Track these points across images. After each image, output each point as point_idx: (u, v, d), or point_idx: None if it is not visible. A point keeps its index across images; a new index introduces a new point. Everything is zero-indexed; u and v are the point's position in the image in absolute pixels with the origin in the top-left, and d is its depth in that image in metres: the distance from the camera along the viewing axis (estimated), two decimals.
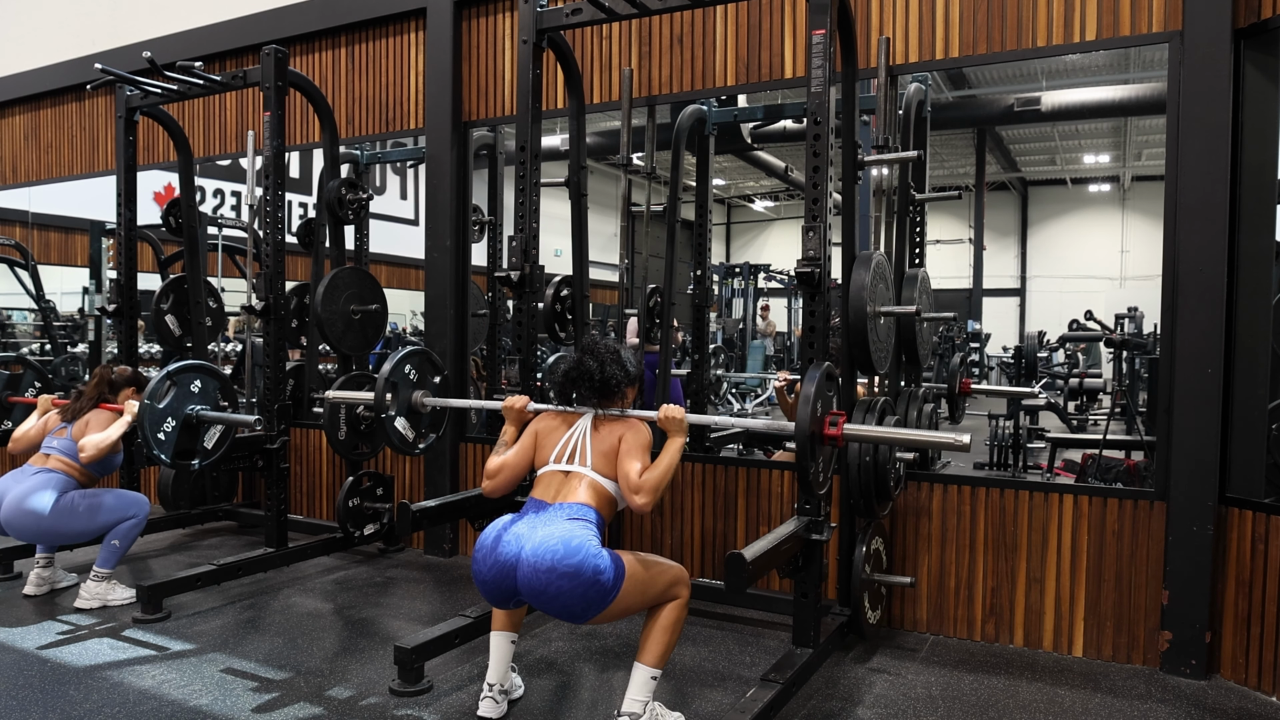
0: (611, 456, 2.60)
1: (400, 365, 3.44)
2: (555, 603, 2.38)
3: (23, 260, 7.15)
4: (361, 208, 4.93)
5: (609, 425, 2.67)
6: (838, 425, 2.73)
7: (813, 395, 2.66)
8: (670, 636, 2.55)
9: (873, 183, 3.96)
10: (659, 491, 2.52)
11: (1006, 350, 12.65)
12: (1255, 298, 3.20)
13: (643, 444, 2.60)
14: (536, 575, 2.35)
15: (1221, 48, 3.13)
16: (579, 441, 2.65)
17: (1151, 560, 3.32)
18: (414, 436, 3.56)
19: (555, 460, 2.65)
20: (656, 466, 2.55)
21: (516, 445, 2.78)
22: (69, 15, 6.67)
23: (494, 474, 2.76)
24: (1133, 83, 8.32)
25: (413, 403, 3.49)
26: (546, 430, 2.75)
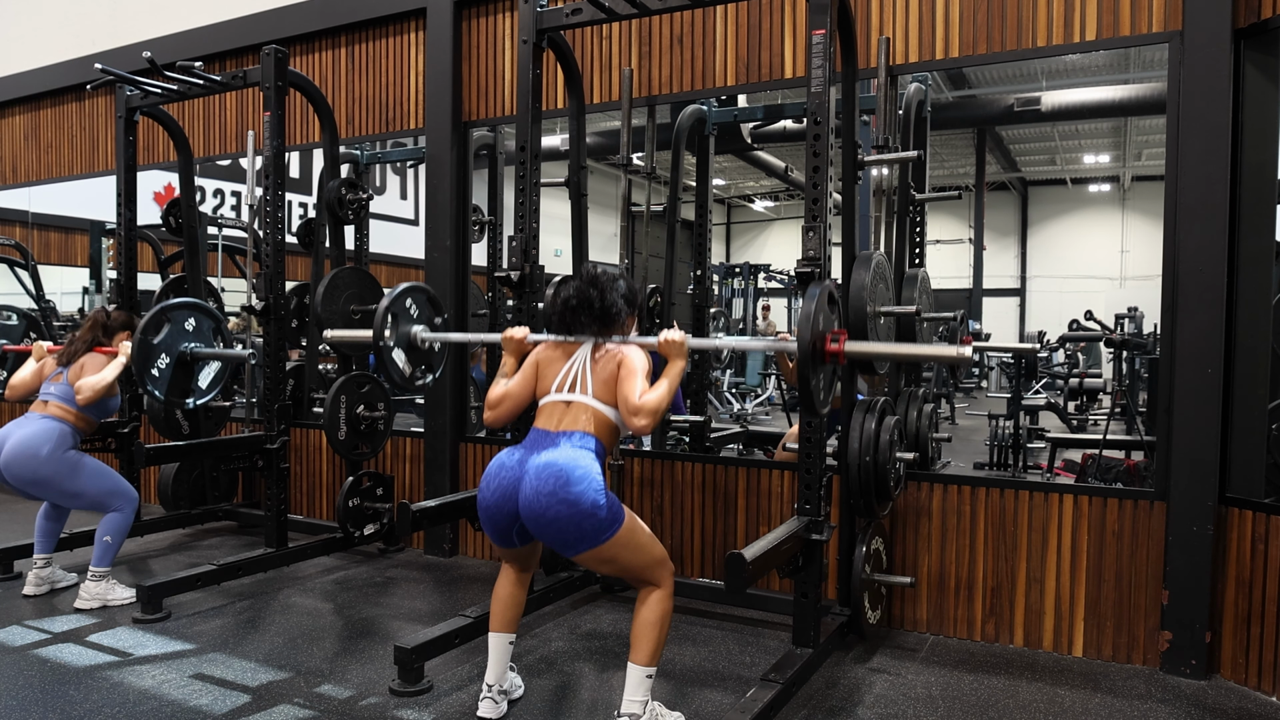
0: (611, 384, 2.60)
1: (401, 298, 3.38)
2: (551, 528, 2.43)
3: (23, 260, 7.14)
4: (361, 208, 4.93)
5: (608, 353, 2.66)
6: (839, 341, 2.70)
7: (814, 311, 2.63)
8: (659, 632, 2.55)
9: (873, 183, 3.96)
10: (658, 414, 2.51)
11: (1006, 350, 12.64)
12: (1255, 298, 3.20)
13: (642, 369, 2.60)
14: (538, 499, 2.42)
15: (1221, 48, 3.13)
16: (579, 370, 2.66)
17: (1151, 560, 3.32)
18: (411, 371, 3.50)
19: (556, 390, 2.66)
20: (656, 389, 2.54)
21: (518, 375, 2.78)
22: (69, 15, 6.67)
23: (496, 404, 2.76)
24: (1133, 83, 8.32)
25: (411, 337, 3.44)
26: (547, 360, 2.74)
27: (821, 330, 2.66)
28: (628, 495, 4.34)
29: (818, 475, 3.04)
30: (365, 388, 4.63)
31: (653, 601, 2.56)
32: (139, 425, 5.00)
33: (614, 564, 2.53)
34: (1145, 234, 15.08)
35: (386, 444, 4.90)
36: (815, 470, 3.04)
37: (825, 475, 3.06)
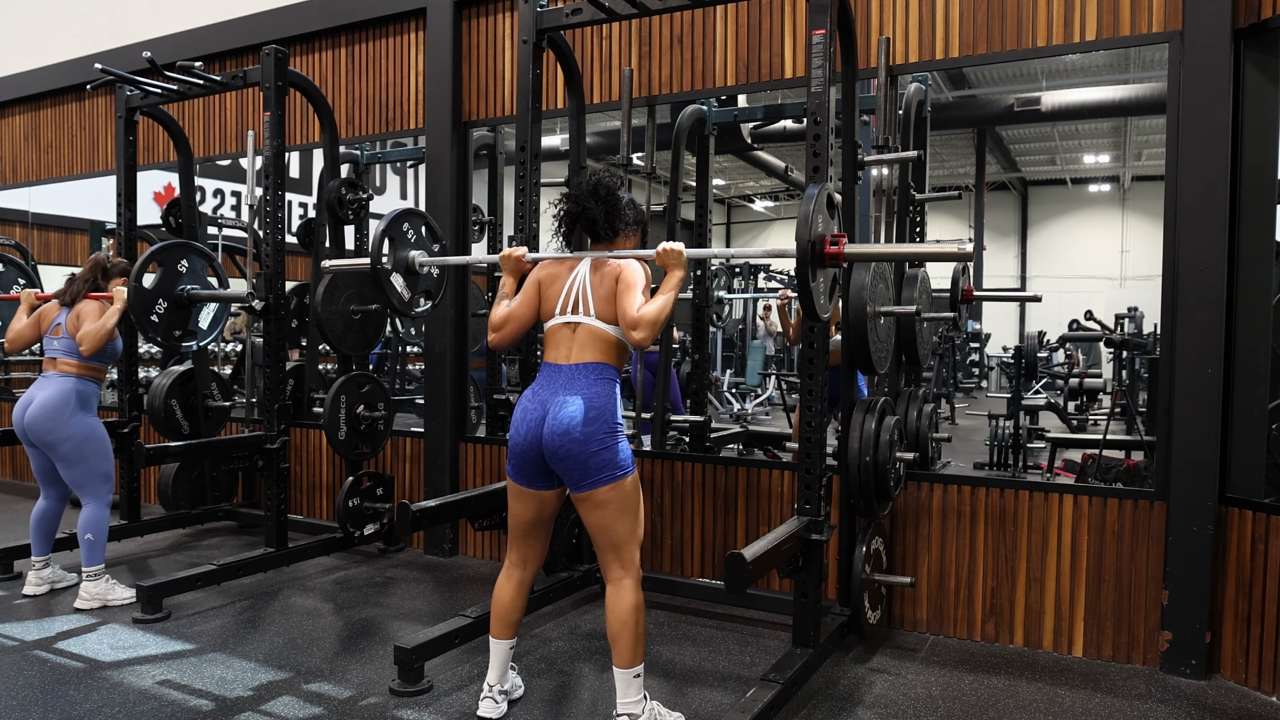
0: (612, 300, 2.59)
1: (398, 221, 3.35)
2: (567, 461, 2.52)
3: (23, 260, 7.14)
4: (361, 208, 4.93)
5: (607, 266, 2.64)
6: (839, 244, 2.62)
7: (812, 211, 2.56)
8: (634, 631, 2.54)
9: (873, 183, 3.96)
10: (658, 326, 2.50)
11: (1006, 350, 12.65)
12: (1255, 298, 3.20)
13: (640, 282, 2.58)
14: (554, 438, 2.52)
15: (1221, 48, 3.13)
16: (579, 288, 2.64)
17: (1151, 560, 3.32)
18: (410, 296, 3.48)
19: (560, 311, 2.66)
20: (654, 300, 2.53)
21: (519, 296, 2.77)
22: (69, 15, 6.67)
23: (499, 326, 2.75)
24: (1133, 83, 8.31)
25: (410, 261, 3.42)
26: (549, 279, 2.73)
27: (820, 232, 2.60)
28: None
29: (818, 475, 3.04)
30: (365, 388, 4.63)
31: (624, 594, 2.56)
32: (139, 425, 5.00)
33: (604, 513, 2.54)
34: (1145, 234, 15.07)
35: (386, 444, 4.90)
36: (815, 470, 3.04)
37: (825, 475, 3.06)
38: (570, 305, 2.65)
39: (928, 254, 2.94)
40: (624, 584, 2.57)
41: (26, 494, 6.33)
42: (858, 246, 2.72)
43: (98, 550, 3.85)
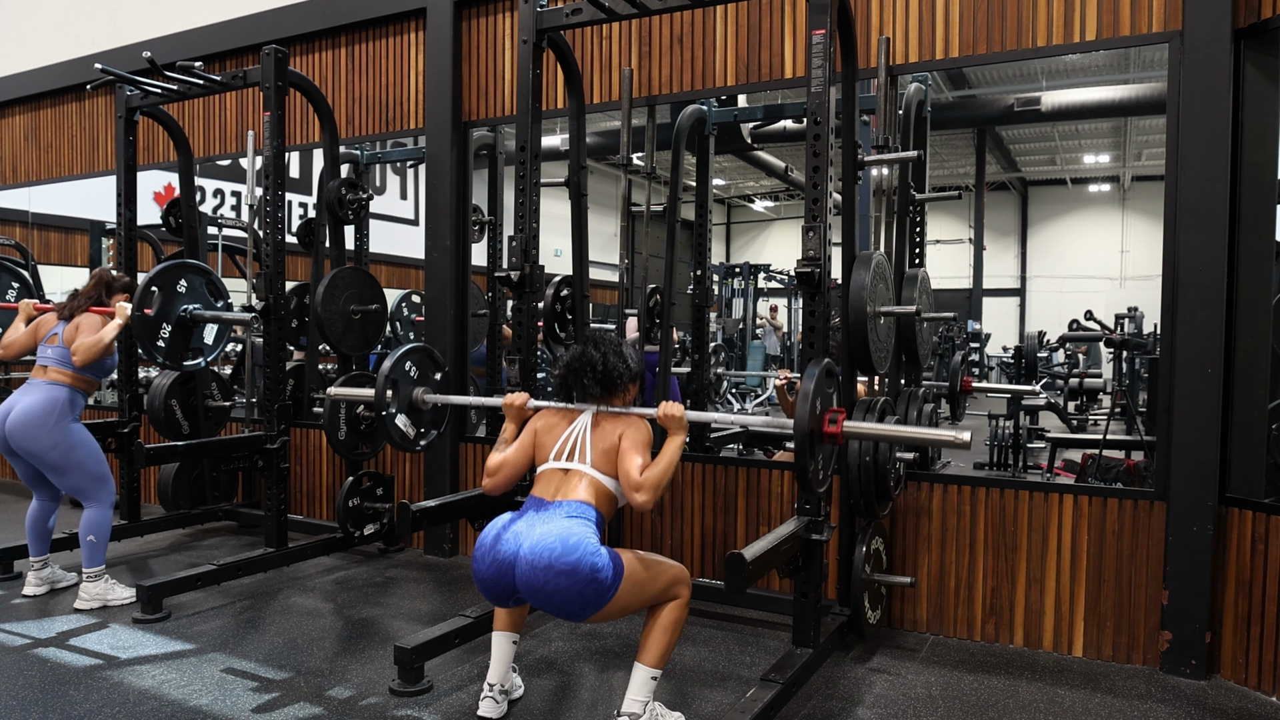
0: (612, 454, 2.60)
1: (400, 362, 3.44)
2: (553, 600, 2.37)
3: (23, 260, 7.14)
4: (361, 208, 4.93)
5: (609, 422, 2.66)
6: (837, 423, 2.72)
7: (812, 392, 2.64)
8: (670, 636, 2.55)
9: (873, 183, 3.95)
10: (660, 489, 2.52)
11: (1006, 350, 12.65)
12: (1255, 298, 3.20)
13: (643, 441, 2.60)
14: (534, 573, 2.35)
15: (1221, 48, 3.13)
16: (579, 439, 2.65)
17: (1151, 560, 3.32)
18: (415, 434, 3.55)
19: (555, 458, 2.65)
20: (657, 464, 2.54)
21: (516, 443, 2.78)
22: (69, 15, 6.67)
23: (494, 471, 2.76)
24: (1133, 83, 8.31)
25: (413, 400, 3.48)
26: (546, 427, 2.74)
27: (820, 413, 2.67)
28: None
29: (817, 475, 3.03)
30: (360, 405, 4.63)
31: (670, 607, 2.56)
32: (139, 425, 5.00)
33: (629, 609, 2.51)
34: (1145, 234, 15.07)
35: (386, 444, 4.90)
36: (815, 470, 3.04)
37: None
38: (567, 453, 2.63)
39: (926, 439, 3.00)
40: (670, 604, 2.57)
41: (26, 494, 6.33)
42: (855, 425, 2.80)
43: (99, 551, 3.85)
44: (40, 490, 4.00)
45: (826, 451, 2.85)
